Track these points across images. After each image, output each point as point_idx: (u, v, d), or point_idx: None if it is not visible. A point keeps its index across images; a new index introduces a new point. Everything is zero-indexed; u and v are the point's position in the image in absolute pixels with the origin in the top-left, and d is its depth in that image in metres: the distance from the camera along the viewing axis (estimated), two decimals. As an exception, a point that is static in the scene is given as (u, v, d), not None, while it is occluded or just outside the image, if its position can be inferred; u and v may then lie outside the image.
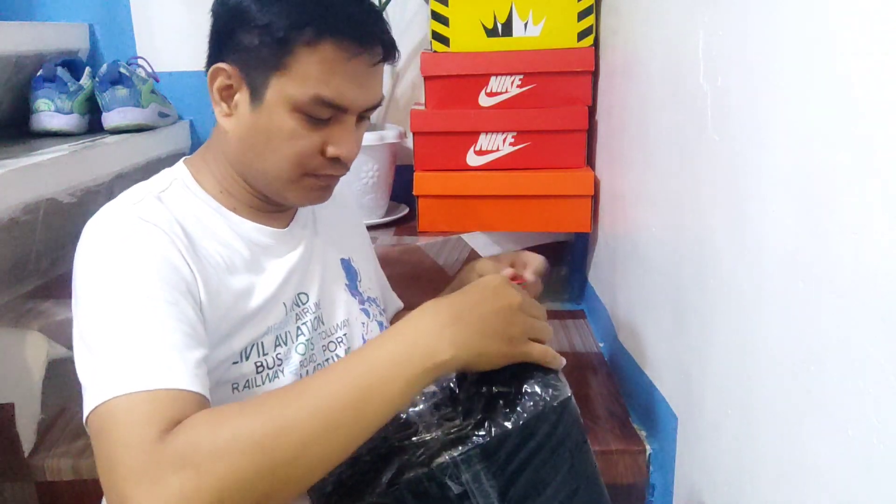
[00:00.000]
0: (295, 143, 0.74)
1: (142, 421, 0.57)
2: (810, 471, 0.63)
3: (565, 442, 0.65)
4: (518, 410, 0.63)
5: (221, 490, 0.54)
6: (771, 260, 0.70)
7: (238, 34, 0.72)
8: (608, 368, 1.39)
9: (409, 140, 1.62)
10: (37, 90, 1.48)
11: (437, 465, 0.61)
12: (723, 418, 0.83)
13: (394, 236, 1.58)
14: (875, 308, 0.53)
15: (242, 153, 0.77)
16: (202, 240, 0.75)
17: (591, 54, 1.49)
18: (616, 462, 1.10)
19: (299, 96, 0.71)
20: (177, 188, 0.78)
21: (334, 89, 0.72)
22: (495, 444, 0.62)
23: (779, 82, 0.68)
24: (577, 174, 1.52)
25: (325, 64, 0.71)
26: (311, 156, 0.75)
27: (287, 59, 0.71)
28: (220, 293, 0.73)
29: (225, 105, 0.76)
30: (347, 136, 0.76)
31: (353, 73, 0.72)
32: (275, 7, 0.70)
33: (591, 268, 1.62)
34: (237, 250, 0.77)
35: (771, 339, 0.70)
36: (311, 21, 0.70)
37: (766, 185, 0.71)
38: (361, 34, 0.71)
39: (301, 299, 0.81)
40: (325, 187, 0.80)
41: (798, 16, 0.65)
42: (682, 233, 0.97)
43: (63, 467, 1.10)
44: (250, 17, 0.71)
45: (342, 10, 0.71)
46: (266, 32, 0.70)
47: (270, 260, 0.80)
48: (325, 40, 0.70)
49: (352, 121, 0.76)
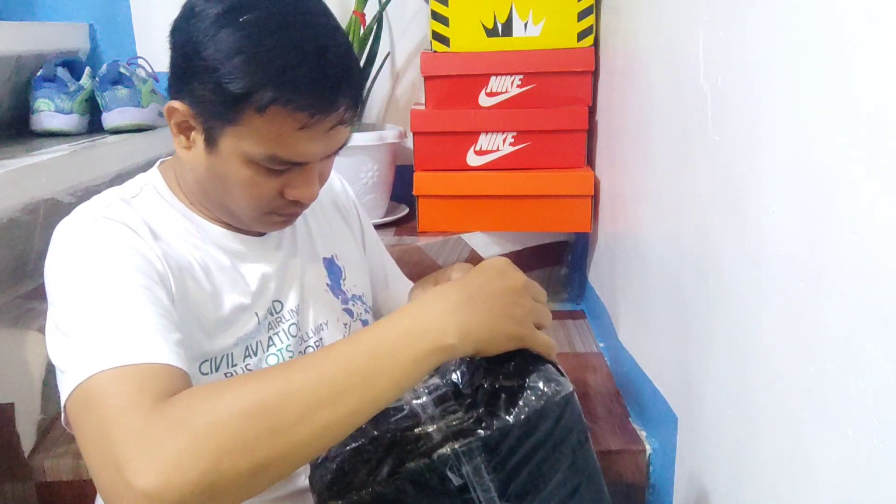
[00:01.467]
0: (251, 189, 0.72)
1: (134, 389, 0.55)
2: (810, 471, 0.63)
3: (567, 438, 0.65)
4: (520, 405, 0.63)
5: (219, 454, 0.51)
6: (771, 260, 0.70)
7: (191, 78, 0.69)
8: (608, 368, 1.39)
9: (409, 140, 1.62)
10: (37, 90, 1.47)
11: (438, 457, 0.61)
12: (723, 418, 0.83)
13: (394, 236, 1.58)
14: (875, 308, 0.53)
15: (204, 186, 0.76)
16: (173, 241, 0.74)
17: (591, 54, 1.49)
18: (616, 462, 1.10)
19: (253, 153, 0.69)
20: (147, 193, 0.77)
21: (289, 150, 0.69)
22: (497, 437, 0.62)
23: (779, 82, 0.68)
24: (577, 174, 1.52)
25: (278, 129, 0.67)
26: (269, 199, 0.73)
27: (240, 116, 0.67)
28: (190, 294, 0.72)
29: (183, 138, 0.73)
30: (307, 183, 0.73)
31: (311, 136, 0.69)
32: (228, 64, 0.65)
33: (591, 268, 1.62)
34: (211, 254, 0.77)
35: (771, 339, 0.70)
36: (263, 86, 0.65)
37: (766, 184, 0.71)
38: (316, 102, 0.66)
39: (275, 307, 0.80)
40: (289, 221, 0.79)
41: (798, 16, 0.65)
42: (682, 233, 0.97)
43: (63, 467, 1.10)
44: (202, 65, 0.67)
45: (296, 75, 0.65)
46: (217, 88, 0.66)
47: (246, 267, 0.79)
48: (277, 109, 0.66)
49: (312, 167, 0.73)
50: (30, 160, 1.19)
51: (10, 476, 1.10)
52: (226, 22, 0.66)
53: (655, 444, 1.11)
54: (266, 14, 0.67)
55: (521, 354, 0.66)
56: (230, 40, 0.66)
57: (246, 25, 0.66)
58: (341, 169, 1.54)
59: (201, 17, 0.67)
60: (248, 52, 0.65)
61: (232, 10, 0.67)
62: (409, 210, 1.72)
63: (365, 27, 1.57)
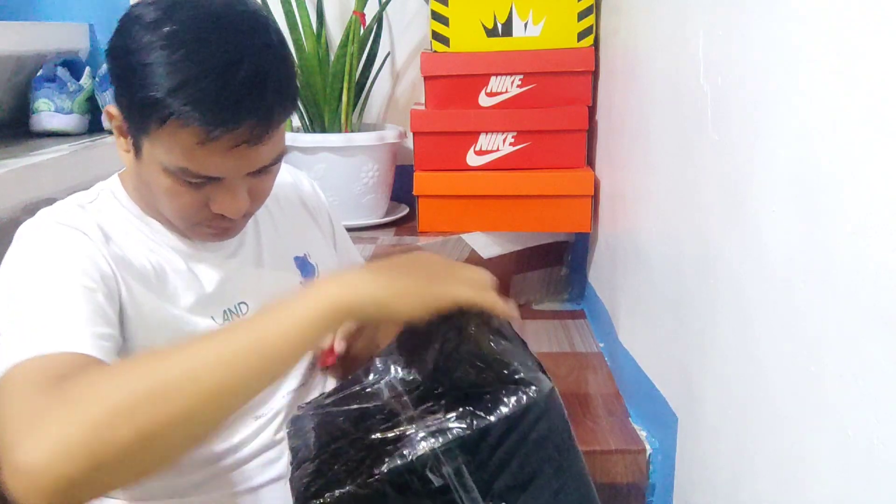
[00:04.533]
0: (175, 198, 0.71)
1: (39, 375, 0.56)
2: (810, 471, 0.63)
3: (550, 436, 0.65)
4: (500, 403, 0.63)
5: (99, 423, 0.50)
6: (771, 260, 0.70)
7: (120, 85, 0.69)
8: (608, 368, 1.39)
9: (409, 140, 1.62)
10: (37, 90, 1.47)
11: (417, 458, 0.61)
12: (723, 418, 0.83)
13: (394, 236, 1.58)
14: (875, 308, 0.53)
15: (141, 192, 0.77)
16: (126, 244, 0.74)
17: (591, 54, 1.49)
18: (616, 462, 1.10)
19: (166, 163, 0.68)
20: (104, 198, 0.78)
21: (199, 165, 0.68)
22: (477, 437, 0.61)
23: (778, 82, 0.68)
24: (577, 174, 1.52)
25: (179, 143, 0.66)
26: (195, 210, 0.72)
27: (149, 126, 0.67)
28: (144, 295, 0.73)
29: (123, 141, 0.74)
30: (231, 196, 0.71)
31: (216, 152, 0.67)
32: (141, 73, 0.65)
33: (591, 268, 1.62)
34: (166, 257, 0.77)
35: (771, 339, 0.70)
36: (163, 98, 0.64)
37: (766, 184, 0.71)
38: (213, 119, 0.64)
39: (241, 309, 0.80)
40: (222, 234, 0.78)
41: (798, 16, 0.65)
42: (682, 233, 0.97)
43: (63, 467, 1.10)
44: (124, 73, 0.68)
45: (196, 90, 0.64)
46: (132, 96, 0.67)
47: (201, 269, 0.79)
48: (176, 122, 0.65)
49: (234, 182, 0.71)
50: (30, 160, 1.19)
51: (10, 476, 1.10)
52: (150, 30, 0.66)
53: (655, 444, 1.11)
54: (185, 26, 0.66)
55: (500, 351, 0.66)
56: (148, 50, 0.65)
57: (165, 36, 0.65)
58: (342, 169, 1.55)
59: (136, 22, 0.68)
60: (158, 62, 0.65)
61: (158, 20, 0.66)
62: (409, 210, 1.72)
63: (365, 27, 1.57)
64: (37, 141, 1.42)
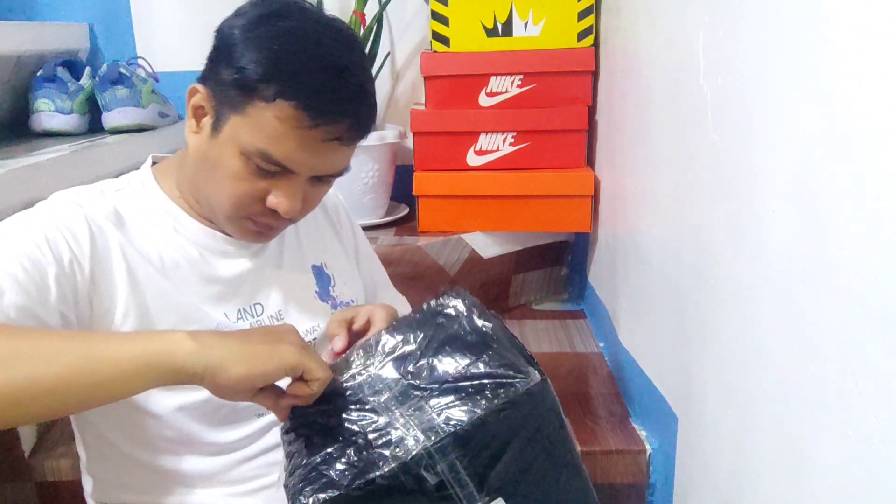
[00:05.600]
0: (237, 183, 0.73)
1: None
2: (810, 470, 0.63)
3: (542, 428, 0.65)
4: (491, 396, 0.63)
5: None
6: (771, 260, 0.70)
7: (219, 64, 0.73)
8: (608, 368, 1.39)
9: (409, 140, 1.62)
10: (37, 90, 1.47)
11: (411, 458, 0.61)
12: (723, 418, 0.83)
13: (394, 236, 1.58)
14: (875, 308, 0.53)
15: (195, 173, 0.78)
16: (141, 234, 0.77)
17: (591, 54, 1.49)
18: (616, 462, 1.10)
19: (248, 145, 0.71)
20: (133, 187, 0.80)
21: (283, 151, 0.71)
22: (469, 431, 0.61)
23: (779, 82, 0.68)
24: (577, 174, 1.52)
25: (279, 124, 0.70)
26: (250, 201, 0.74)
27: (247, 106, 0.70)
28: (148, 284, 0.75)
29: (194, 122, 0.76)
30: (291, 194, 0.74)
31: (307, 142, 0.71)
32: (253, 54, 0.70)
33: (591, 268, 1.62)
34: (183, 249, 0.78)
35: (771, 339, 0.70)
36: (277, 79, 0.69)
37: (766, 184, 0.71)
38: (324, 108, 0.70)
39: (256, 310, 0.81)
40: (262, 232, 0.79)
41: (798, 16, 0.65)
42: (682, 233, 0.97)
43: (63, 467, 1.10)
44: (231, 54, 0.71)
45: (312, 78, 0.69)
46: (237, 73, 0.70)
47: (219, 264, 0.80)
48: (284, 102, 0.69)
49: (299, 180, 0.74)
50: (30, 160, 1.19)
51: (10, 476, 1.10)
52: (263, 22, 0.71)
53: (655, 444, 1.11)
54: (300, 25, 0.72)
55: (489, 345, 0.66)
56: (262, 38, 0.70)
57: (280, 30, 0.71)
58: (341, 169, 1.54)
59: (245, 16, 0.73)
60: (274, 49, 0.70)
61: (272, 15, 0.72)
62: (409, 210, 1.72)
63: (365, 27, 1.57)
64: (37, 141, 1.42)
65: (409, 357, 0.67)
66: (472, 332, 0.67)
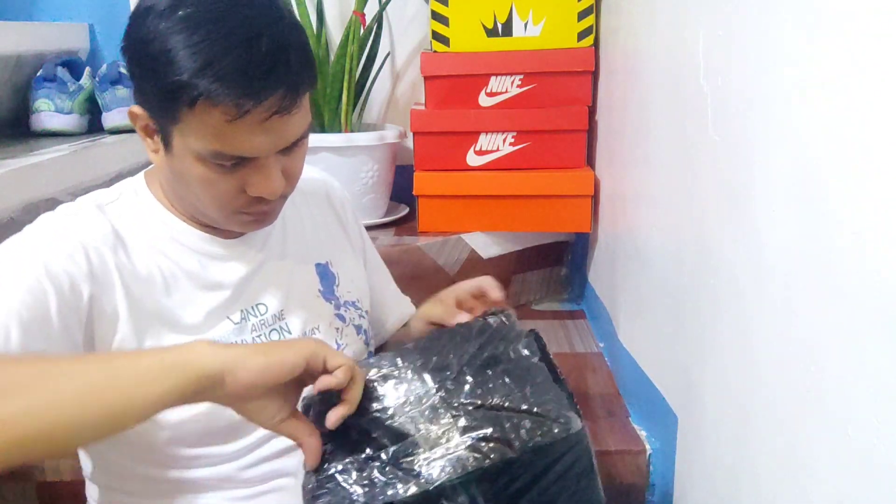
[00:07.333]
0: (210, 187, 0.71)
1: None
2: (810, 471, 0.63)
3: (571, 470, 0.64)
4: (523, 438, 0.61)
5: None
6: (771, 260, 0.70)
7: (140, 80, 0.70)
8: (608, 368, 1.39)
9: (409, 140, 1.62)
10: (37, 90, 1.47)
11: (433, 488, 0.59)
12: (723, 418, 0.83)
13: (394, 236, 1.58)
14: (875, 308, 0.53)
15: (173, 187, 0.77)
16: (139, 250, 0.75)
17: (591, 54, 1.49)
18: (616, 462, 1.10)
19: (199, 150, 0.68)
20: (126, 198, 0.78)
21: (231, 145, 0.68)
22: (498, 468, 0.60)
23: (779, 82, 0.68)
24: (577, 174, 1.52)
25: (212, 123, 0.66)
26: (231, 197, 0.72)
27: (178, 114, 0.67)
28: (146, 305, 0.74)
29: (150, 141, 0.74)
30: (266, 176, 0.71)
31: (248, 128, 0.67)
32: (163, 59, 0.65)
33: (591, 268, 1.62)
34: (180, 261, 0.77)
35: (771, 339, 0.70)
36: (189, 81, 0.64)
37: (766, 184, 0.71)
38: (242, 92, 0.65)
39: (259, 310, 0.80)
40: (260, 219, 0.78)
41: (798, 15, 0.65)
42: (682, 233, 0.97)
43: (63, 467, 1.10)
44: (145, 66, 0.68)
45: (221, 67, 0.64)
46: (157, 85, 0.67)
47: (220, 271, 0.79)
48: (204, 102, 0.65)
49: (267, 161, 0.71)
50: (30, 160, 1.19)
51: (10, 476, 1.10)
52: (164, 18, 0.66)
53: (655, 444, 1.11)
54: (200, 8, 0.66)
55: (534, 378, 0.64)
56: (166, 36, 0.66)
57: (181, 20, 0.66)
58: (342, 169, 1.55)
59: (148, 13, 0.68)
60: (178, 46, 0.65)
61: (171, 6, 0.67)
62: (409, 210, 1.72)
63: (365, 27, 1.57)
64: (37, 141, 1.42)
65: (448, 370, 0.65)
66: (516, 361, 0.66)
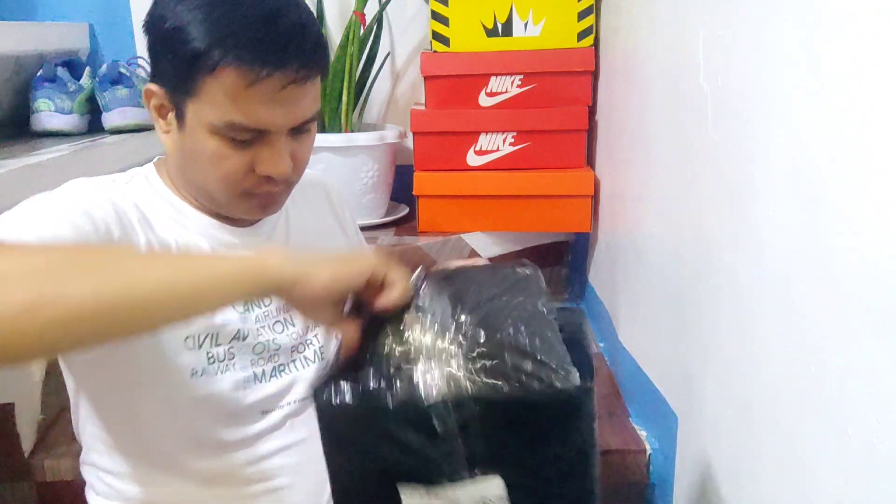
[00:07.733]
0: (221, 164, 0.73)
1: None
2: (810, 471, 0.63)
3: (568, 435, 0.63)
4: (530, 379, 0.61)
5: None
6: (771, 260, 0.70)
7: (158, 56, 0.73)
8: (608, 368, 1.39)
9: (409, 140, 1.62)
10: (37, 90, 1.47)
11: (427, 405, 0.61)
12: (723, 418, 0.83)
13: (394, 236, 1.58)
14: (875, 308, 0.53)
15: (183, 170, 0.78)
16: (159, 225, 0.77)
17: (591, 54, 1.49)
18: (616, 462, 1.10)
19: (214, 121, 0.70)
20: (138, 181, 0.80)
21: (246, 114, 0.70)
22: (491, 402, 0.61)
23: (779, 82, 0.68)
24: (577, 174, 1.52)
25: (229, 90, 0.69)
26: (241, 176, 0.74)
27: (195, 85, 0.70)
28: None
29: (162, 122, 0.76)
30: (275, 156, 0.73)
31: (264, 97, 0.70)
32: (182, 32, 0.69)
33: (591, 268, 1.62)
34: (195, 241, 0.78)
35: (771, 339, 0.70)
36: (211, 47, 0.68)
37: (766, 184, 0.71)
38: (266, 58, 0.68)
39: (264, 301, 0.81)
40: (266, 203, 0.79)
41: (798, 15, 0.65)
42: (682, 233, 0.97)
43: (63, 467, 1.10)
44: (164, 41, 0.71)
45: (244, 33, 0.68)
46: (175, 57, 0.70)
47: None
48: (225, 67, 0.68)
49: (279, 139, 0.73)
50: (30, 160, 1.19)
51: (10, 476, 1.10)
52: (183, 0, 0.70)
53: (655, 444, 1.11)
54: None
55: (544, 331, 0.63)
56: (185, 12, 0.69)
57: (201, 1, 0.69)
58: (342, 169, 1.55)
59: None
60: (199, 20, 0.69)
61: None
62: (409, 210, 1.72)
63: (365, 27, 1.57)
64: (37, 141, 1.42)
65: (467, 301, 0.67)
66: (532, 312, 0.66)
